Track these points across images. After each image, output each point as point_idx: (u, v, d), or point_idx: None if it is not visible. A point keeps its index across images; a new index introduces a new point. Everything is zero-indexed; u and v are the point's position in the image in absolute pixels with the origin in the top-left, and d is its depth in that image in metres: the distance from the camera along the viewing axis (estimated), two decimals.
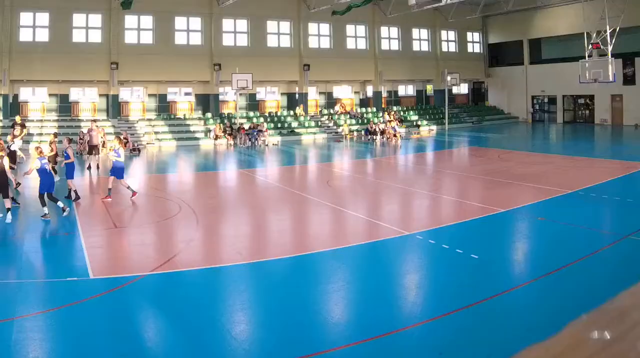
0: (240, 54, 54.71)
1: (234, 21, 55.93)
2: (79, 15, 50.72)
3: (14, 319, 10.70)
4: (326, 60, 58.51)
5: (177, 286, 13.35)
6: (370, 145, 48.46)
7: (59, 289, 12.73)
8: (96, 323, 10.84)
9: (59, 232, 18.25)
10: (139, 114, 54.70)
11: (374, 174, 33.08)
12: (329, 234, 18.40)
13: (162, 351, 10.00)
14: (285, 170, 34.26)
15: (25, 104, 51.51)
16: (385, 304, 11.74)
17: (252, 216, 21.24)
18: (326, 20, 58.16)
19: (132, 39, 52.45)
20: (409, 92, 67.86)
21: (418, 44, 65.48)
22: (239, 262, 14.72)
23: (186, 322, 10.95)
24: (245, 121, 53.94)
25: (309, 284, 13.25)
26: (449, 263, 14.58)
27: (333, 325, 10.79)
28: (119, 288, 12.64)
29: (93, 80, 51.55)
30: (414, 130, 57.17)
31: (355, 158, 41.29)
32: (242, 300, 12.24)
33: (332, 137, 54.23)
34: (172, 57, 52.22)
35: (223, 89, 56.29)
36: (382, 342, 9.90)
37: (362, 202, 23.39)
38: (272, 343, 10.03)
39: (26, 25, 49.36)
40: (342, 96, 63.43)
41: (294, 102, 59.49)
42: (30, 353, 9.55)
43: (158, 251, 16.00)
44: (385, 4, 59.47)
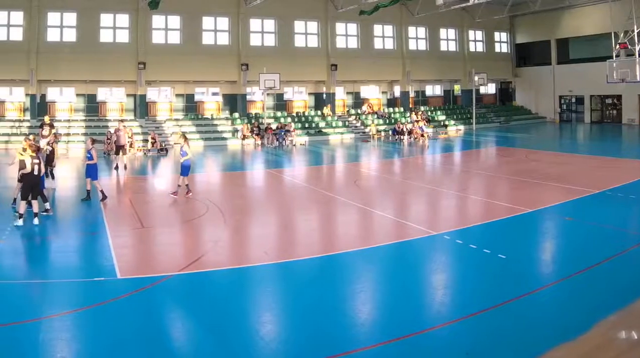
0: (267, 54, 52.21)
1: (262, 21, 53.23)
2: (107, 15, 48.80)
3: (41, 319, 10.43)
4: (354, 60, 55.66)
5: (205, 286, 12.97)
6: (398, 145, 46.38)
7: (86, 289, 12.34)
8: (123, 323, 10.50)
9: (86, 232, 17.52)
10: (166, 114, 52.39)
11: (402, 173, 31.79)
12: (357, 234, 17.81)
13: (189, 351, 9.68)
14: (313, 170, 33.08)
15: (53, 104, 49.65)
16: (412, 304, 11.40)
17: (279, 216, 20.54)
18: (354, 20, 55.29)
19: (159, 39, 50.30)
20: (436, 92, 64.81)
21: (445, 44, 62.29)
22: (266, 262, 14.31)
23: (213, 322, 10.64)
24: (273, 121, 51.45)
25: (336, 284, 12.84)
26: (477, 263, 14.17)
27: (360, 325, 10.45)
28: (146, 289, 12.28)
29: (120, 80, 49.68)
30: (442, 130, 54.36)
31: (383, 158, 39.54)
32: (269, 300, 11.96)
33: (359, 137, 51.71)
34: (199, 57, 49.97)
35: (250, 89, 53.51)
36: (409, 342, 9.61)
37: (390, 202, 22.58)
38: (299, 344, 9.74)
39: (53, 25, 47.68)
40: (370, 96, 60.53)
41: (321, 102, 56.82)
42: (57, 353, 9.25)
43: (185, 251, 15.64)
44: (413, 4, 56.45)
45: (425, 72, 59.81)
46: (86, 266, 14.22)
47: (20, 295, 12.07)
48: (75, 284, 12.66)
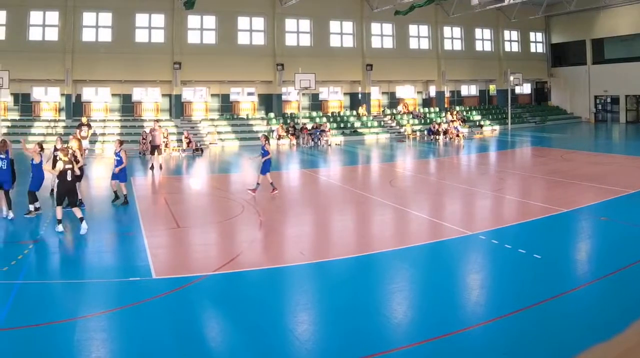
0: (303, 54, 49.79)
1: (297, 21, 50.75)
2: (142, 15, 46.92)
3: (76, 319, 10.11)
4: (389, 60, 52.75)
5: (240, 286, 12.60)
6: (433, 145, 44.19)
7: (121, 289, 11.96)
8: (158, 323, 10.22)
9: (121, 232, 17.06)
10: (201, 113, 50.04)
11: (437, 173, 30.74)
12: (392, 234, 17.19)
13: (224, 351, 9.42)
14: (348, 170, 31.88)
15: (88, 104, 47.64)
16: (448, 304, 11.00)
17: (314, 216, 19.88)
18: (389, 20, 52.40)
19: (195, 39, 48.20)
20: (471, 92, 61.50)
21: (481, 44, 59.15)
22: (302, 262, 13.88)
23: (249, 322, 10.33)
24: (308, 121, 49.11)
25: (371, 284, 12.37)
26: (512, 263, 13.76)
27: (396, 325, 10.10)
28: (181, 289, 11.92)
29: (156, 80, 47.70)
30: (477, 130, 51.73)
31: (418, 158, 37.86)
32: (305, 300, 11.55)
33: (394, 137, 49.27)
34: (234, 57, 47.83)
35: (286, 89, 51.21)
36: (445, 342, 9.24)
37: (425, 202, 21.83)
38: (335, 343, 9.41)
39: (89, 25, 45.81)
40: (405, 96, 57.51)
41: (356, 102, 54.02)
42: (92, 353, 8.97)
43: (221, 251, 15.23)
44: (448, 4, 53.55)
45: (460, 72, 56.86)
46: (121, 266, 13.71)
47: (56, 295, 11.67)
48: (111, 284, 12.29)
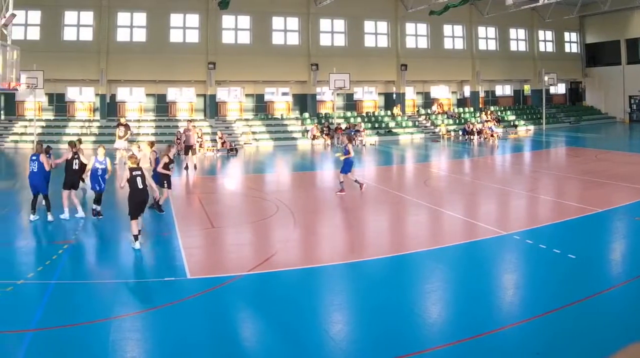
0: (337, 54, 46.95)
1: (332, 21, 47.90)
2: (176, 16, 44.64)
3: (111, 319, 9.72)
4: (423, 60, 49.84)
5: (275, 286, 12.06)
6: (468, 145, 42.03)
7: (156, 289, 11.66)
8: (193, 323, 9.72)
9: (156, 232, 16.15)
10: (236, 114, 47.52)
11: (472, 173, 29.32)
12: (426, 234, 16.66)
13: (258, 351, 8.95)
14: (383, 170, 30.49)
15: (123, 104, 45.48)
16: (482, 304, 10.53)
17: (349, 216, 19.16)
18: (423, 20, 49.49)
19: (229, 39, 45.75)
20: (506, 92, 58.16)
21: (515, 44, 55.77)
22: (336, 262, 13.33)
23: (283, 322, 9.86)
24: (343, 121, 46.67)
25: (406, 284, 12.00)
26: (547, 263, 13.13)
27: (430, 325, 9.67)
28: (216, 289, 11.52)
29: (190, 80, 45.39)
30: (511, 130, 48.89)
31: (453, 158, 36.19)
32: (340, 300, 11.10)
33: (429, 137, 46.57)
34: (269, 57, 45.23)
35: (320, 89, 48.45)
36: (479, 342, 8.87)
37: (460, 202, 20.87)
38: (369, 343, 8.98)
39: (123, 25, 43.61)
40: (440, 96, 54.54)
41: (391, 102, 50.96)
42: (127, 353, 8.65)
43: (255, 251, 14.59)
44: (483, 4, 50.46)
45: (495, 72, 53.65)
46: (156, 266, 13.42)
47: (90, 296, 11.15)
48: (146, 284, 12.06)
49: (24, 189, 20.81)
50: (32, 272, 12.24)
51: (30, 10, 41.47)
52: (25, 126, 41.78)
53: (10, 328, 9.32)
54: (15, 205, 19.35)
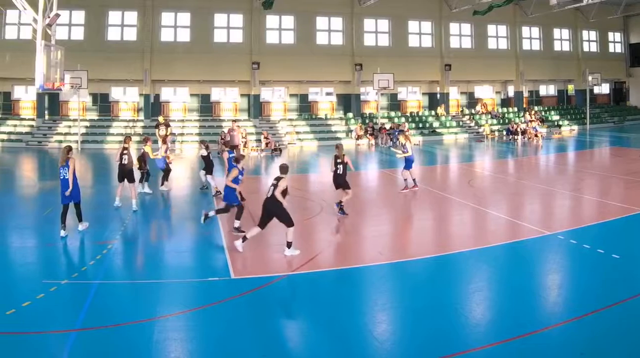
0: (381, 54, 43.70)
1: (375, 21, 44.56)
2: (220, 15, 41.90)
3: (155, 319, 9.14)
4: (467, 60, 46.34)
5: (319, 286, 11.19)
6: (512, 145, 39.56)
7: (200, 289, 10.86)
8: (237, 323, 9.15)
9: (200, 232, 15.22)
10: (280, 113, 44.55)
11: (515, 173, 27.70)
12: (471, 234, 15.48)
13: (303, 351, 8.45)
14: (427, 170, 28.29)
15: (167, 104, 42.71)
16: (526, 304, 9.84)
17: (393, 216, 17.92)
18: (467, 20, 46.06)
19: (273, 39, 42.77)
20: (550, 92, 54.43)
21: (559, 44, 51.97)
22: (380, 262, 12.40)
23: (327, 322, 9.25)
24: (387, 121, 43.54)
25: (450, 284, 11.06)
26: (591, 263, 12.20)
27: (474, 325, 9.04)
28: (260, 289, 10.75)
29: (234, 80, 42.50)
30: (555, 130, 45.51)
31: (497, 158, 34.04)
32: (384, 300, 10.33)
33: (473, 137, 43.75)
34: (313, 57, 42.38)
35: (364, 89, 45.13)
36: (523, 342, 8.30)
37: (504, 202, 19.76)
38: (414, 344, 8.47)
39: (167, 25, 41.00)
40: (484, 96, 51.23)
41: (435, 101, 47.71)
42: (171, 353, 8.16)
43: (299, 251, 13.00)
44: (527, 4, 46.98)
45: (538, 72, 50.05)
46: (200, 266, 12.61)
47: (134, 295, 10.50)
48: (190, 284, 11.20)
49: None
50: (76, 272, 11.67)
51: (74, 10, 39.39)
52: (69, 126, 39.50)
53: (54, 329, 8.83)
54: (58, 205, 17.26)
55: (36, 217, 17.02)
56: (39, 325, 8.91)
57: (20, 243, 14.18)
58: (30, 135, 38.50)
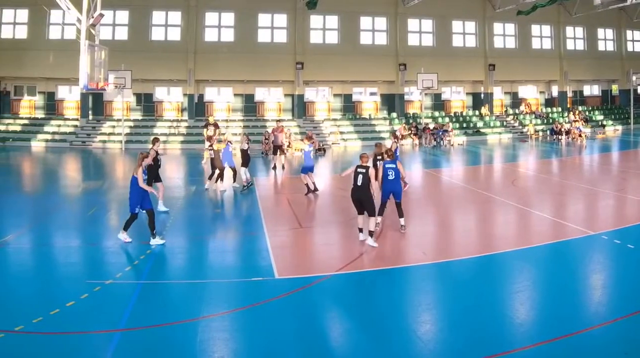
0: (425, 54, 40.78)
1: (419, 21, 41.57)
2: (264, 15, 39.23)
3: (199, 319, 8.70)
4: (511, 60, 43.34)
5: (362, 286, 10.69)
6: (556, 145, 37.44)
7: (244, 289, 10.19)
8: (280, 323, 8.65)
9: (244, 232, 14.59)
10: (324, 113, 41.71)
11: (559, 173, 26.42)
12: (514, 234, 14.59)
13: (346, 351, 7.94)
14: (470, 170, 27.62)
15: (211, 104, 40.06)
16: (570, 304, 9.27)
17: (437, 216, 16.90)
18: (511, 20, 42.98)
19: (317, 39, 40.15)
20: (594, 92, 50.92)
21: (603, 44, 48.57)
22: (424, 262, 11.76)
23: (371, 322, 8.77)
24: (431, 121, 40.57)
25: (494, 284, 10.52)
26: (635, 263, 11.49)
27: (518, 325, 8.53)
28: (303, 289, 10.13)
29: (278, 80, 39.77)
30: (599, 130, 42.80)
31: (541, 158, 32.34)
32: (428, 300, 9.73)
33: (517, 137, 40.94)
34: (357, 57, 39.66)
35: (408, 89, 42.19)
36: (567, 342, 7.86)
37: (547, 202, 18.48)
38: (458, 344, 7.94)
39: (211, 25, 38.52)
40: (528, 96, 48.10)
41: (479, 101, 44.64)
42: (215, 353, 7.73)
43: (343, 251, 12.68)
44: (571, 4, 43.79)
45: (582, 72, 46.74)
46: (244, 266, 11.76)
47: (178, 295, 9.94)
48: (233, 284, 10.46)
49: (111, 189, 20.64)
50: (120, 271, 10.99)
51: (118, 10, 37.25)
52: (113, 126, 37.19)
53: (98, 328, 8.34)
54: (102, 205, 17.51)
55: (80, 217, 16.08)
56: (83, 325, 8.45)
57: (64, 243, 13.30)
58: (74, 135, 36.36)
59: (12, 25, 37.73)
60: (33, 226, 14.80)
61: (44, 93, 39.41)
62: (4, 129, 36.85)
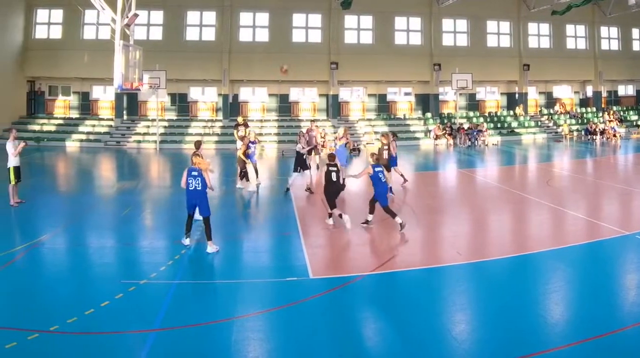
0: (460, 54, 38.79)
1: (454, 21, 39.56)
2: (299, 15, 37.40)
3: (234, 319, 8.34)
4: (546, 60, 41.08)
5: (397, 286, 10.22)
6: (590, 145, 35.95)
7: (279, 289, 9.75)
8: (315, 323, 8.32)
9: (278, 232, 13.74)
10: (358, 113, 39.69)
11: (594, 173, 25.53)
12: (548, 234, 13.68)
13: (380, 351, 7.56)
14: (505, 170, 26.48)
15: (245, 104, 38.18)
16: (604, 304, 8.83)
17: (471, 216, 15.86)
18: (546, 20, 40.78)
19: (351, 39, 38.18)
20: (628, 92, 48.22)
21: (638, 44, 45.96)
22: (459, 262, 11.13)
23: (405, 322, 8.33)
24: (465, 121, 38.69)
25: (528, 284, 9.96)
26: None
27: (552, 325, 8.14)
28: (338, 289, 9.73)
29: (313, 80, 37.77)
30: (634, 130, 40.88)
31: (575, 158, 31.10)
32: (462, 300, 9.27)
33: (551, 137, 39.04)
34: (391, 57, 37.64)
35: (443, 89, 40.14)
36: (602, 342, 7.51)
37: (582, 202, 17.69)
38: (492, 343, 7.59)
39: (246, 25, 36.66)
40: (562, 96, 45.78)
41: (513, 101, 42.47)
42: (249, 353, 7.41)
43: (377, 251, 12.25)
44: (605, 4, 41.49)
45: (617, 72, 44.33)
46: (279, 266, 11.11)
47: (212, 295, 9.58)
48: (268, 284, 10.00)
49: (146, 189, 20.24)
50: (154, 272, 10.44)
51: (152, 10, 35.50)
52: (147, 126, 35.50)
53: (133, 328, 7.92)
54: (137, 205, 16.96)
55: (115, 217, 15.47)
56: (117, 325, 8.09)
57: (99, 243, 12.90)
58: (109, 135, 34.69)
59: (47, 25, 36.26)
60: (68, 226, 14.18)
61: (78, 93, 37.85)
62: (39, 128, 35.24)
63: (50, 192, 19.54)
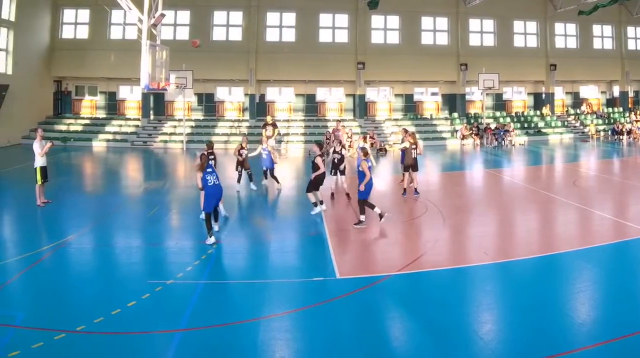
0: (486, 54, 37.36)
1: (481, 21, 38.14)
2: (326, 15, 36.10)
3: (260, 319, 8.13)
4: (572, 60, 39.73)
5: (423, 286, 9.85)
6: (617, 145, 34.83)
7: (305, 289, 9.48)
8: (341, 323, 8.09)
9: (305, 232, 13.30)
10: (385, 113, 38.36)
11: (621, 174, 24.50)
12: (575, 234, 13.35)
13: (407, 351, 7.34)
14: (532, 170, 25.65)
15: (272, 104, 36.83)
16: (631, 304, 8.52)
17: (498, 216, 15.39)
18: (572, 20, 39.37)
19: (378, 39, 36.87)
20: None
21: None
22: (486, 262, 10.78)
23: (432, 322, 8.08)
24: (492, 121, 37.18)
25: (555, 284, 9.59)
26: None
27: (579, 325, 7.86)
28: (365, 289, 9.45)
29: (339, 80, 36.43)
30: None
31: (602, 158, 30.07)
32: (489, 300, 8.98)
33: (578, 137, 37.63)
34: (418, 57, 36.34)
35: (469, 89, 38.79)
36: (629, 342, 7.26)
37: (609, 202, 17.00)
38: (519, 343, 7.36)
39: (272, 25, 35.34)
40: (589, 96, 44.29)
41: (540, 102, 40.99)
42: (276, 353, 7.23)
43: (404, 251, 11.79)
44: (632, 4, 40.05)
45: None
46: (305, 266, 10.82)
47: (239, 295, 9.29)
48: (295, 284, 9.73)
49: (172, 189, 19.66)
50: (181, 272, 10.15)
51: (179, 10, 34.26)
52: (174, 126, 34.23)
53: (159, 328, 7.76)
54: (163, 205, 16.63)
55: (141, 217, 15.12)
56: (144, 325, 7.90)
57: (126, 243, 12.61)
58: (136, 135, 33.48)
59: (74, 25, 35.19)
60: (94, 226, 13.91)
61: (105, 93, 36.76)
62: (65, 128, 34.17)
63: (76, 192, 19.11)
